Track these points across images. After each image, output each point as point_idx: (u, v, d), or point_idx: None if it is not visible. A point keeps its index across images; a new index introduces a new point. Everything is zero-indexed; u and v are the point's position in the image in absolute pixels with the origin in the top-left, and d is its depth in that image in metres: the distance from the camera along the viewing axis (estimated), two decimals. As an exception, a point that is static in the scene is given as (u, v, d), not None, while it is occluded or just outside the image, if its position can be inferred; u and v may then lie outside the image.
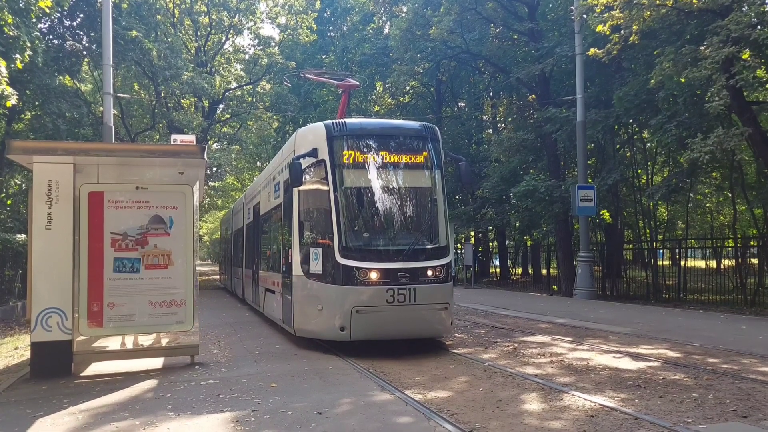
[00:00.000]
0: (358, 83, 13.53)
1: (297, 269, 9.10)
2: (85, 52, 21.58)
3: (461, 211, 25.95)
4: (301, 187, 9.02)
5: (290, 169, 8.75)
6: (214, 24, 30.95)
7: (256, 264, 14.08)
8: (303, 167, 8.75)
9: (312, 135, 9.35)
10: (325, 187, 8.79)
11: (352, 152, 8.94)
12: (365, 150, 9.04)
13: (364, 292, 8.30)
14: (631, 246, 22.92)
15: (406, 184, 9.16)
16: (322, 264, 8.66)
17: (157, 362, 8.01)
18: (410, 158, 9.19)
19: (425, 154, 9.30)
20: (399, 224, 9.05)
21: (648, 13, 13.65)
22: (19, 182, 19.68)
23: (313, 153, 8.97)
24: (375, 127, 9.93)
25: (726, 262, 19.26)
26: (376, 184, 8.98)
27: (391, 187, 9.07)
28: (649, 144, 21.18)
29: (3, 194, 19.16)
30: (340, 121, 9.45)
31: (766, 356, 7.99)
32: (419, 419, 5.30)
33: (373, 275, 8.29)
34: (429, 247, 8.93)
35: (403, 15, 26.15)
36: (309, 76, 15.89)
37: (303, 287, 9.01)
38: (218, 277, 31.97)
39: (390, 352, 8.53)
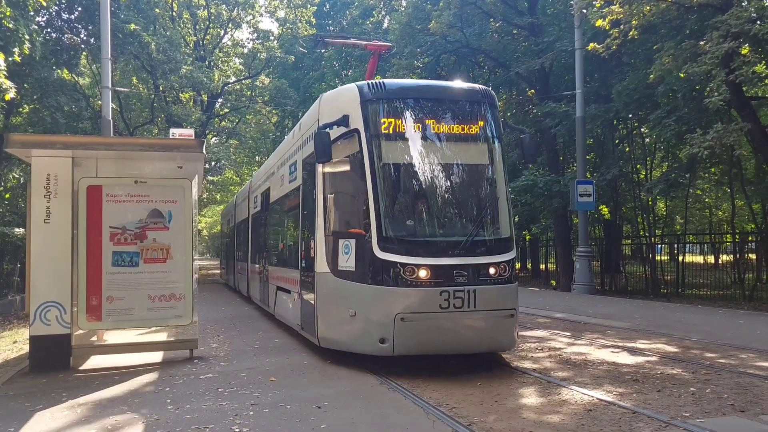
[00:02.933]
0: (389, 44, 11.72)
1: (321, 265, 7.50)
2: (83, 46, 21.53)
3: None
4: (327, 164, 7.43)
5: (315, 141, 7.12)
6: (212, 18, 30.86)
7: (265, 258, 12.50)
8: (331, 138, 7.16)
9: (342, 99, 7.63)
10: (359, 164, 7.08)
11: (393, 120, 7.17)
12: (409, 117, 7.28)
13: (410, 295, 6.65)
14: (629, 241, 22.95)
15: (460, 159, 7.46)
16: (356, 259, 6.99)
17: (156, 356, 8.00)
18: (464, 128, 7.42)
19: (482, 123, 7.53)
20: (453, 210, 7.37)
21: (648, 7, 13.62)
22: (17, 176, 19.68)
23: (344, 121, 7.29)
24: (421, 87, 8.08)
25: (724, 257, 19.36)
26: (424, 159, 7.23)
27: (442, 163, 7.29)
28: (648, 139, 21.21)
29: (1, 188, 19.13)
30: (377, 81, 7.60)
31: (764, 351, 8.01)
32: (418, 413, 5.31)
33: (423, 273, 6.64)
34: (490, 238, 7.24)
35: (403, 9, 26.06)
36: (330, 40, 14.23)
37: (329, 287, 7.38)
38: (218, 271, 31.86)
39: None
